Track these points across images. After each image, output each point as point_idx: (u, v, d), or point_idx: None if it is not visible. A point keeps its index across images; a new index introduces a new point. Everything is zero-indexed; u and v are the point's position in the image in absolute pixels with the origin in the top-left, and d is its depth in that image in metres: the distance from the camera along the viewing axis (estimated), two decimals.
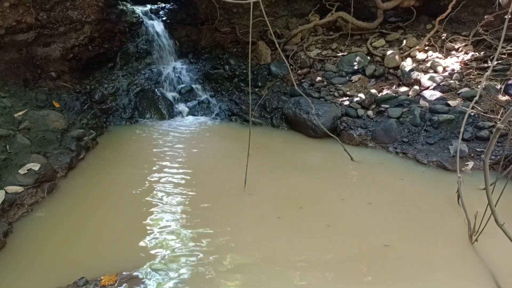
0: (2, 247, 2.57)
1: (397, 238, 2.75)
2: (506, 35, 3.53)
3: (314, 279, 2.32)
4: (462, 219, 2.80)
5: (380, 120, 4.64)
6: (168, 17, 6.66)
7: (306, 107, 4.95)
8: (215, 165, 4.14)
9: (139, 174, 3.82)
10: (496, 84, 4.45)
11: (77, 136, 4.23)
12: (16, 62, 4.53)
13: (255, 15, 5.85)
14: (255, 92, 5.95)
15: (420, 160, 4.02)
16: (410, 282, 2.32)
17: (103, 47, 5.57)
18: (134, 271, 2.36)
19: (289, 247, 2.64)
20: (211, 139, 5.01)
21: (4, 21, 4.08)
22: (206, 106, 6.12)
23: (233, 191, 3.46)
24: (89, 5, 4.88)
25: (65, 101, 4.86)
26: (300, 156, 4.45)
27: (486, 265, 2.42)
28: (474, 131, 4.07)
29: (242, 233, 2.83)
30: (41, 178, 3.31)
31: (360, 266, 2.44)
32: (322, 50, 6.13)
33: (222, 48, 6.62)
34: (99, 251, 2.59)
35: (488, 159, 2.15)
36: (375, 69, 5.42)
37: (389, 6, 5.71)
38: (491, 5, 5.06)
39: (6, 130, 3.51)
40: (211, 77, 6.41)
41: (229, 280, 2.32)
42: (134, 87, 5.96)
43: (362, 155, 4.28)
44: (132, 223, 2.93)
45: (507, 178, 2.66)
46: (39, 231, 2.82)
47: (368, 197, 3.33)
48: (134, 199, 3.30)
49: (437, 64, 5.01)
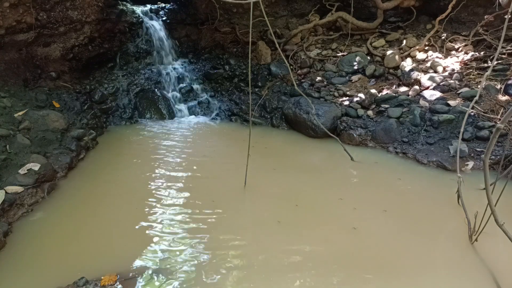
0: (2, 247, 2.57)
1: (397, 238, 2.76)
2: (506, 35, 3.54)
3: (314, 279, 2.32)
4: (462, 219, 2.80)
5: (380, 120, 4.64)
6: (168, 17, 6.67)
7: (306, 107, 4.95)
8: (215, 165, 4.13)
9: (139, 174, 3.82)
10: (496, 84, 4.45)
11: (77, 136, 4.23)
12: (16, 62, 4.53)
13: (255, 15, 5.85)
14: (255, 92, 5.95)
15: (420, 160, 4.02)
16: (410, 282, 2.32)
17: (103, 47, 5.57)
18: (134, 271, 2.36)
19: (289, 247, 2.64)
20: (211, 139, 5.01)
21: (4, 21, 4.07)
22: (206, 106, 6.12)
23: (233, 191, 3.46)
24: (89, 5, 4.88)
25: (65, 101, 4.85)
26: (300, 156, 4.45)
27: (486, 265, 2.42)
28: (474, 131, 4.07)
29: (242, 233, 2.83)
30: (41, 178, 3.31)
31: (360, 265, 2.44)
32: (322, 50, 6.13)
33: (222, 48, 6.62)
34: (99, 251, 2.59)
35: (488, 159, 2.15)
36: (375, 69, 5.42)
37: (389, 6, 5.71)
38: (491, 5, 5.06)
39: (6, 130, 3.51)
40: (211, 77, 6.41)
41: (229, 280, 2.32)
42: (134, 87, 5.96)
43: (362, 155, 4.28)
44: (132, 223, 2.93)
45: (507, 178, 2.66)
46: (39, 231, 2.81)
47: (368, 197, 3.33)
48: (134, 199, 3.30)
49: (437, 64, 5.01)
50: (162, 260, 2.48)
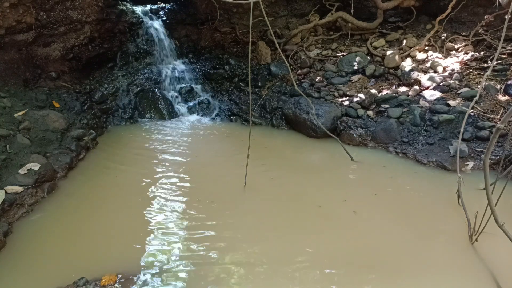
0: (2, 247, 2.57)
1: (397, 237, 2.76)
2: (506, 35, 3.54)
3: (314, 278, 2.32)
4: (462, 219, 2.80)
5: (380, 120, 4.64)
6: (168, 17, 6.66)
7: (306, 107, 4.95)
8: (215, 165, 4.13)
9: (139, 174, 3.82)
10: (496, 84, 4.45)
11: (77, 136, 4.22)
12: (16, 62, 4.53)
13: (255, 15, 5.85)
14: (255, 92, 5.95)
15: (420, 160, 4.02)
16: (410, 281, 2.32)
17: (103, 47, 5.57)
18: (134, 271, 2.36)
19: (289, 247, 2.64)
20: (211, 139, 5.01)
21: (4, 21, 4.07)
22: (206, 106, 6.12)
23: (233, 191, 3.46)
24: (89, 5, 4.88)
25: (65, 101, 4.85)
26: (300, 156, 4.45)
27: (486, 265, 2.42)
28: (474, 131, 4.07)
29: (242, 233, 2.83)
30: (41, 178, 3.31)
31: (360, 265, 2.44)
32: (322, 50, 6.13)
33: (222, 48, 6.62)
34: (99, 251, 2.59)
35: (488, 159, 2.15)
36: (375, 69, 5.42)
37: (389, 6, 5.71)
38: (491, 5, 5.06)
39: (6, 130, 3.51)
40: (211, 77, 6.41)
41: (229, 280, 2.32)
42: (134, 87, 5.96)
43: (362, 155, 4.28)
44: (132, 223, 2.93)
45: (507, 178, 2.66)
46: (39, 231, 2.81)
47: (368, 197, 3.33)
48: (134, 199, 3.30)
49: (437, 64, 5.01)
50: (162, 260, 2.48)
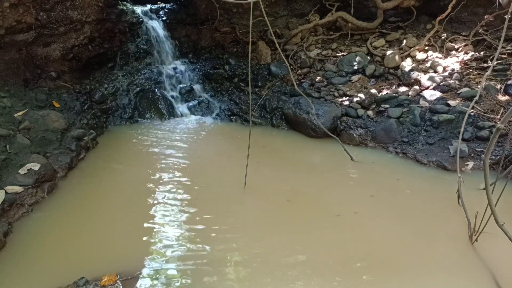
0: (2, 247, 2.57)
1: (397, 237, 2.76)
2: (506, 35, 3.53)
3: (314, 278, 2.32)
4: (462, 219, 2.80)
5: (380, 120, 4.64)
6: (168, 17, 6.66)
7: (306, 107, 4.95)
8: (215, 165, 4.13)
9: (139, 174, 3.82)
10: (496, 84, 4.45)
11: (77, 136, 4.22)
12: (16, 62, 4.53)
13: (255, 15, 5.85)
14: (255, 92, 5.95)
15: (420, 160, 4.02)
16: (411, 281, 2.32)
17: (103, 47, 5.57)
18: (134, 271, 2.36)
19: (289, 247, 2.64)
20: (211, 139, 5.01)
21: (4, 21, 4.07)
22: (206, 106, 6.12)
23: (233, 191, 3.46)
24: (89, 5, 4.88)
25: (65, 101, 4.85)
26: (300, 156, 4.45)
27: (486, 265, 2.42)
28: (474, 131, 4.07)
29: (242, 233, 2.83)
30: (41, 178, 3.31)
31: (360, 265, 2.44)
32: (322, 50, 6.13)
33: (222, 48, 6.62)
34: (99, 251, 2.59)
35: (488, 159, 2.15)
36: (375, 69, 5.42)
37: (389, 6, 5.71)
38: (491, 5, 5.06)
39: (6, 130, 3.51)
40: (211, 77, 6.41)
41: (230, 280, 2.32)
42: (134, 87, 5.96)
43: (362, 155, 4.28)
44: (132, 223, 2.93)
45: (507, 178, 2.66)
46: (39, 231, 2.82)
47: (368, 197, 3.33)
48: (134, 199, 3.30)
49: (437, 64, 5.01)
50: (162, 260, 2.48)
